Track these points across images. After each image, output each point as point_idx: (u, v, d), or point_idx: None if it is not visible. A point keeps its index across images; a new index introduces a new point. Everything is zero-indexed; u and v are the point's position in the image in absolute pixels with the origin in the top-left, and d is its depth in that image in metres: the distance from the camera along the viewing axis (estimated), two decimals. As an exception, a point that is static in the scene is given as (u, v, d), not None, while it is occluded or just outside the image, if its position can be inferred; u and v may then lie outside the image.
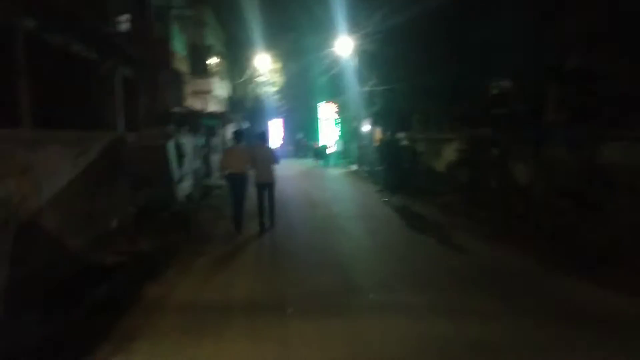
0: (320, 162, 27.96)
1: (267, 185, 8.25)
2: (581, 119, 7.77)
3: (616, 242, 6.12)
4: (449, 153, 13.06)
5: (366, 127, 21.47)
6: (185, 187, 7.98)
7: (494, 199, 9.62)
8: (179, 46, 18.06)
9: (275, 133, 35.02)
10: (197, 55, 20.96)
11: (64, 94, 6.25)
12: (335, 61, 20.90)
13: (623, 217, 6.37)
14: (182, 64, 18.16)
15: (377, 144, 20.14)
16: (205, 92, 22.35)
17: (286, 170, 21.71)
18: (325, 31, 20.00)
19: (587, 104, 7.47)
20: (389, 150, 16.05)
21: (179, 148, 7.25)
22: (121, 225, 6.65)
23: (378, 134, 21.93)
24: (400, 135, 18.03)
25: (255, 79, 30.84)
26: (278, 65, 31.24)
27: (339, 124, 29.29)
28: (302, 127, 37.62)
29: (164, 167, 6.74)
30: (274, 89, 32.73)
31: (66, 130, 5.98)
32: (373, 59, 17.60)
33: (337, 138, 28.66)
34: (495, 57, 12.09)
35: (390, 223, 9.45)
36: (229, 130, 25.31)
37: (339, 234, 8.39)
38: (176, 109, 16.16)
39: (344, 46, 19.12)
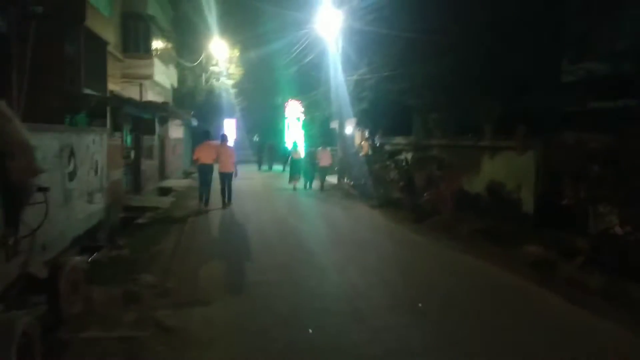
0: (303, 182, 16.00)
1: (228, 174, 11.39)
2: None
3: None
4: (495, 168, 9.10)
5: (349, 130, 17.28)
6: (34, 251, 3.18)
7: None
8: (104, 5, 13.06)
9: (229, 134, 29.29)
10: (133, 26, 15.95)
11: None
12: (312, 43, 16.58)
13: None
14: (108, 32, 13.11)
15: (362, 151, 15.98)
16: (143, 77, 17.23)
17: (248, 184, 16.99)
18: (301, 6, 15.70)
19: None
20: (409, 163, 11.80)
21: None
22: None
23: (359, 137, 17.76)
24: (398, 140, 13.99)
25: (210, 69, 25.72)
26: (236, 54, 26.44)
27: (305, 126, 25.06)
28: (262, 128, 32.94)
29: None
30: (231, 82, 27.69)
31: None
32: (365, 37, 13.41)
33: (300, 142, 20.76)
34: (574, 26, 8.24)
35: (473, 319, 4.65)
36: (173, 129, 20.45)
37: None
38: (90, 92, 11.11)
39: (327, 22, 14.84)
